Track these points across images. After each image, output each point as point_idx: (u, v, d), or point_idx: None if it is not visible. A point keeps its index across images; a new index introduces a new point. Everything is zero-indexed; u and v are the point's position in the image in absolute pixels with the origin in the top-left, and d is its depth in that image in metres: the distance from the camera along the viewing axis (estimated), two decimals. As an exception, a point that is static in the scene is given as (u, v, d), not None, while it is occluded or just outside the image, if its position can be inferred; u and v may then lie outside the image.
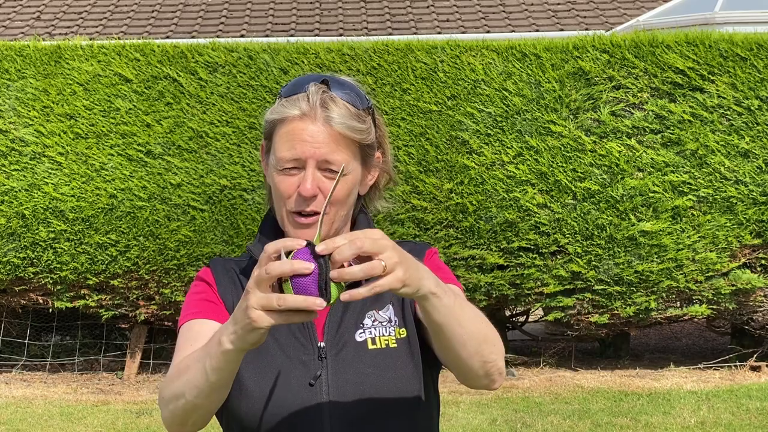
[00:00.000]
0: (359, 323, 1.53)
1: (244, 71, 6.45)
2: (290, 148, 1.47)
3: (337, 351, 1.50)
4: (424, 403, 1.52)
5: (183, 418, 1.41)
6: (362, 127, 1.50)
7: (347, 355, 1.50)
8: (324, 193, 1.48)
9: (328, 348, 1.50)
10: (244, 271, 1.57)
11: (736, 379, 6.58)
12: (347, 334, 1.51)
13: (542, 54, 6.37)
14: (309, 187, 1.46)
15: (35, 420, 5.75)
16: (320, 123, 1.46)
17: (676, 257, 6.28)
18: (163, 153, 6.41)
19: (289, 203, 1.49)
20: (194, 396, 1.36)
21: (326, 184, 1.48)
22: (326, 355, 1.50)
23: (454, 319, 1.34)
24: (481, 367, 1.40)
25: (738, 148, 6.30)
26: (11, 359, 7.12)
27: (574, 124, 6.33)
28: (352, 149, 1.50)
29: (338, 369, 1.49)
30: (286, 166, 1.48)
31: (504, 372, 1.45)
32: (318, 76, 1.52)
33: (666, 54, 6.33)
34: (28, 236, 6.39)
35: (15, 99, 6.47)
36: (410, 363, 1.51)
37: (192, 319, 1.53)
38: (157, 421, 5.71)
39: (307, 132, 1.47)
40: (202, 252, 6.35)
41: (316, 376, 1.48)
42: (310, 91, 1.48)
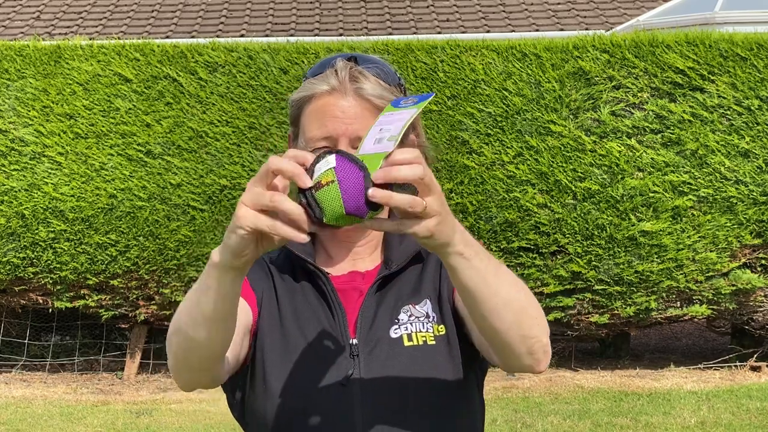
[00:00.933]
0: (394, 318, 1.42)
1: (244, 71, 6.45)
2: (320, 126, 1.38)
3: (371, 348, 1.40)
4: (466, 406, 1.40)
5: (184, 360, 1.28)
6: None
7: (381, 353, 1.39)
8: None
9: (360, 345, 1.40)
10: (275, 261, 1.49)
11: (736, 379, 6.58)
12: (381, 329, 1.41)
13: (542, 54, 6.36)
14: None
15: (35, 420, 5.75)
16: (351, 97, 1.38)
17: (676, 257, 6.28)
18: (163, 153, 6.41)
19: None
20: (189, 326, 1.23)
21: None
22: (358, 353, 1.39)
23: (485, 284, 1.20)
24: (521, 343, 1.25)
25: (738, 148, 6.30)
26: (11, 359, 7.12)
27: (574, 123, 6.33)
28: None
29: (371, 367, 1.38)
30: (317, 146, 1.38)
31: (549, 351, 1.29)
32: (345, 54, 1.45)
33: (666, 54, 6.32)
34: (27, 236, 6.39)
35: (15, 99, 6.47)
36: (450, 362, 1.39)
37: None
38: (157, 421, 5.71)
39: (337, 107, 1.38)
40: (201, 252, 6.35)
41: (348, 376, 1.38)
42: (339, 66, 1.41)
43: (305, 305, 1.45)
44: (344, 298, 1.44)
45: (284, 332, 1.43)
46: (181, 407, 6.04)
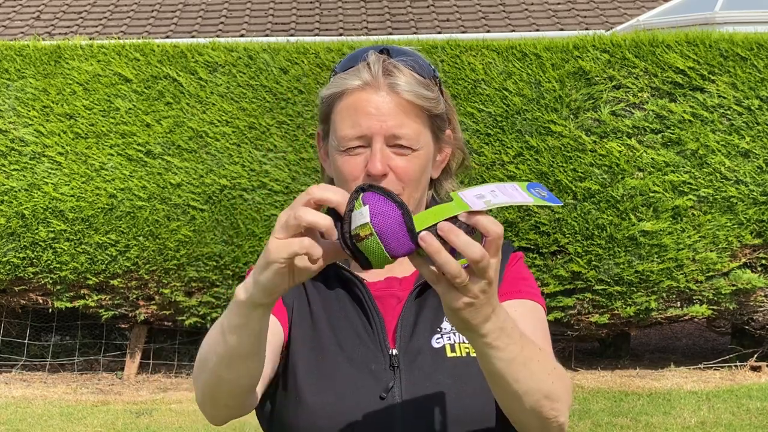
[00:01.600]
0: (436, 327, 1.33)
1: (244, 71, 6.44)
2: (353, 125, 1.29)
3: (412, 359, 1.31)
4: (509, 422, 1.29)
5: (212, 397, 1.20)
6: (431, 95, 1.33)
7: (423, 364, 1.31)
8: (396, 172, 1.28)
9: (401, 356, 1.31)
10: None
11: (736, 379, 6.58)
12: (422, 339, 1.32)
13: (542, 54, 6.36)
14: (379, 166, 1.26)
15: (35, 420, 5.75)
16: (385, 92, 1.28)
17: (676, 257, 6.28)
18: (163, 153, 6.41)
19: (352, 187, 1.22)
20: (215, 364, 1.15)
21: (397, 161, 1.28)
22: (399, 364, 1.30)
23: (510, 374, 1.12)
24: (536, 420, 1.19)
25: (738, 148, 6.30)
26: (11, 359, 7.11)
27: (575, 123, 6.33)
28: (422, 120, 1.31)
29: (413, 380, 1.29)
30: (350, 145, 1.29)
31: (565, 427, 1.22)
32: (377, 47, 1.36)
33: (666, 54, 6.32)
34: (27, 236, 6.39)
35: (15, 99, 6.47)
36: None
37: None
38: (157, 421, 5.71)
39: (371, 104, 1.28)
40: (201, 252, 6.35)
41: (388, 388, 1.28)
42: (371, 59, 1.32)
43: (341, 314, 1.36)
44: (382, 305, 1.35)
45: (319, 343, 1.34)
46: (181, 407, 6.03)
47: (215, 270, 6.35)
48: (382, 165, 1.27)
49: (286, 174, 6.33)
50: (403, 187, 1.28)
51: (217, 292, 6.42)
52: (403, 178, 1.28)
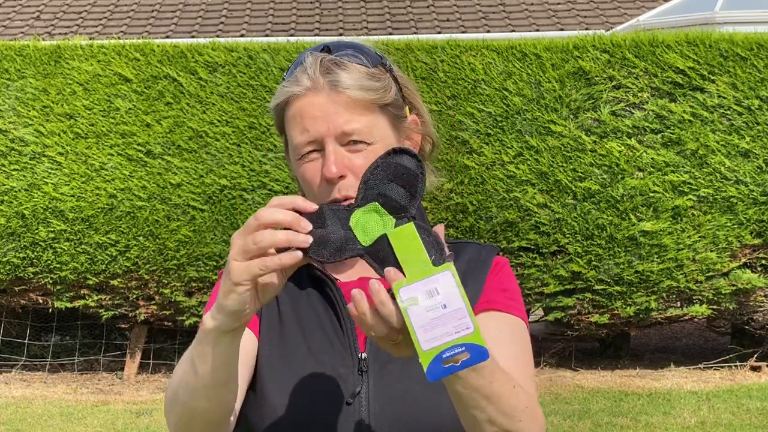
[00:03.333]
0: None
1: (244, 71, 6.44)
2: (302, 131, 1.26)
3: (382, 365, 1.26)
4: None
5: (185, 428, 1.18)
6: (377, 85, 1.28)
7: (393, 370, 1.26)
8: (354, 171, 1.24)
9: (370, 361, 1.26)
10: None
11: (736, 379, 6.58)
12: None
13: (542, 54, 6.36)
14: (333, 169, 1.23)
15: (35, 420, 5.75)
16: (326, 92, 1.24)
17: (676, 257, 6.28)
18: (163, 153, 6.41)
19: (318, 194, 1.25)
20: (188, 396, 1.13)
21: (354, 160, 1.24)
22: (368, 369, 1.26)
23: (471, 403, 1.07)
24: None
25: (738, 148, 6.30)
26: (11, 359, 7.11)
27: (575, 123, 6.33)
28: (373, 111, 1.27)
29: (381, 385, 1.25)
30: (304, 152, 1.27)
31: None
32: (317, 46, 1.30)
33: (666, 54, 6.32)
34: (27, 236, 6.39)
35: (15, 99, 6.47)
36: None
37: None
38: (157, 421, 5.70)
39: (315, 107, 1.25)
40: (201, 252, 6.35)
41: (355, 393, 1.24)
42: (307, 62, 1.27)
43: (310, 314, 1.32)
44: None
45: (286, 343, 1.30)
46: (181, 407, 6.02)
47: (215, 270, 6.35)
48: (337, 167, 1.23)
49: (287, 174, 6.33)
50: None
51: (217, 292, 6.41)
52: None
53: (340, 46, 1.30)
